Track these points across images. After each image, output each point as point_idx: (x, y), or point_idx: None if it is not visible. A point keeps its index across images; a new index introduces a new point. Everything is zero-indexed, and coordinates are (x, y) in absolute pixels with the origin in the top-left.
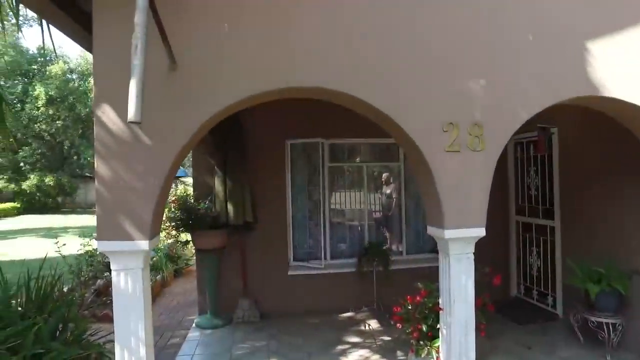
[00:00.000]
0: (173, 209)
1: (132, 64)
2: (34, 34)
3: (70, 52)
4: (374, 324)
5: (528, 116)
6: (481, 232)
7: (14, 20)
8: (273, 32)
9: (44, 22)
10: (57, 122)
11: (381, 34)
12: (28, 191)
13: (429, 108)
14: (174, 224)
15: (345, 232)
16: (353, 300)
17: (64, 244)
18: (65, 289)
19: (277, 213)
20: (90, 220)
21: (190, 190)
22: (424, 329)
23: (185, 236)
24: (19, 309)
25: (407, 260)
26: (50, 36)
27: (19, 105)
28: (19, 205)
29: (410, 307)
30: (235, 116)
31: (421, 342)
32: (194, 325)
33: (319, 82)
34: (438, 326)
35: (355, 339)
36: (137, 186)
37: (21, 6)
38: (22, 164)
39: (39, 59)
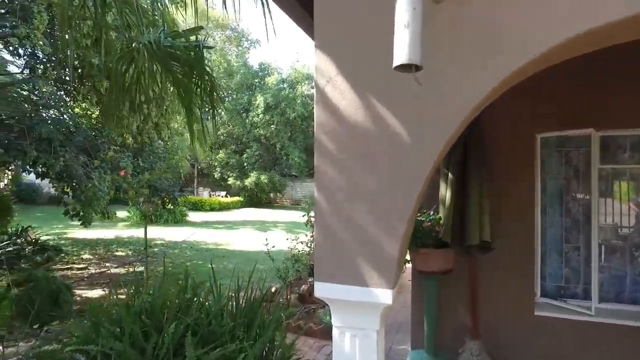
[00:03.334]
0: None
1: None
2: (256, 53)
3: (283, 64)
4: None
5: None
6: None
7: (244, 45)
8: None
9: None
10: (272, 126)
11: None
12: (249, 187)
13: None
14: None
15: (625, 263)
16: None
17: (273, 246)
18: (273, 289)
19: (520, 230)
20: (295, 216)
21: None
22: None
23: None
24: (229, 322)
25: None
26: (272, 22)
27: (244, 113)
28: (242, 199)
29: None
30: None
31: None
32: None
33: None
34: None
35: None
36: (379, 200)
37: (249, 31)
38: (245, 164)
39: (259, 73)
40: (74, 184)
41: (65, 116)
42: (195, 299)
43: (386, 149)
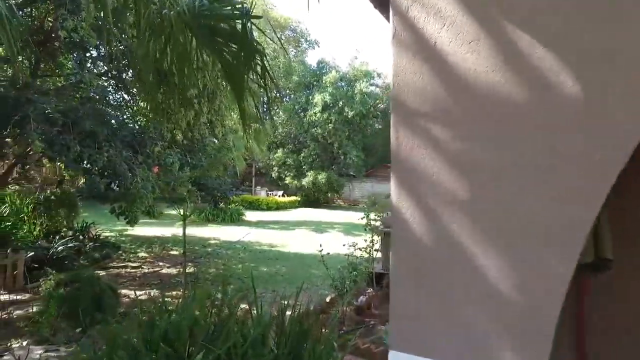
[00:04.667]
0: None
1: None
2: (315, 54)
3: (341, 63)
4: None
5: None
6: None
7: (303, 45)
8: None
9: None
10: (329, 125)
11: None
12: (306, 187)
13: None
14: None
15: None
16: None
17: (328, 252)
18: (327, 299)
19: None
20: (353, 217)
21: None
22: None
23: None
24: (272, 348)
25: None
26: None
27: (302, 113)
28: (299, 199)
29: None
30: None
31: None
32: None
33: None
34: None
35: None
36: (522, 217)
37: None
38: (302, 163)
39: (317, 72)
40: (119, 179)
41: (109, 110)
42: (232, 318)
43: (538, 123)
